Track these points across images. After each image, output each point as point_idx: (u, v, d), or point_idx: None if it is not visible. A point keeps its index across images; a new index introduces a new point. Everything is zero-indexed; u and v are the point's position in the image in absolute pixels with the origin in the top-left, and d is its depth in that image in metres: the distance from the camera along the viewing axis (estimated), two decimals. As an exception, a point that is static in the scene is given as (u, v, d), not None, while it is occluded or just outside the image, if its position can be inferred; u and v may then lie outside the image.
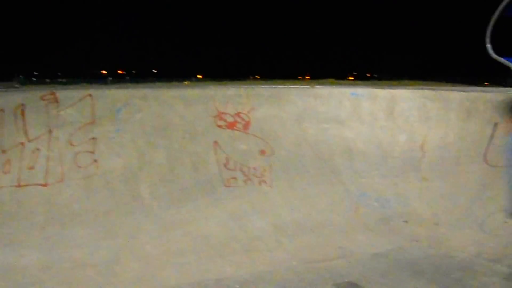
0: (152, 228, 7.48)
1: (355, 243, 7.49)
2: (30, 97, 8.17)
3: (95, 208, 7.62)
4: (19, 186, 7.55)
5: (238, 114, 9.18)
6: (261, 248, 7.30)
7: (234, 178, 8.51)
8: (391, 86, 12.89)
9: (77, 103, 8.31)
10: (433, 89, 10.99)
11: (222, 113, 9.07)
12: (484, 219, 7.97)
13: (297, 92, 10.32)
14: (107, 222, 7.44)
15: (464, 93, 10.09)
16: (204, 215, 7.94)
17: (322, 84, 13.49)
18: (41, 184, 7.66)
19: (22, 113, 7.92)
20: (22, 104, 7.96)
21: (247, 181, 8.75)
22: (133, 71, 60.78)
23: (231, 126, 9.04)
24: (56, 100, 8.18)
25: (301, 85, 13.87)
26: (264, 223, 7.97)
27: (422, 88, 11.34)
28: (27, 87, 11.38)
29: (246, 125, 9.16)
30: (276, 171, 8.98)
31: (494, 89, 12.97)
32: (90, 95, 8.43)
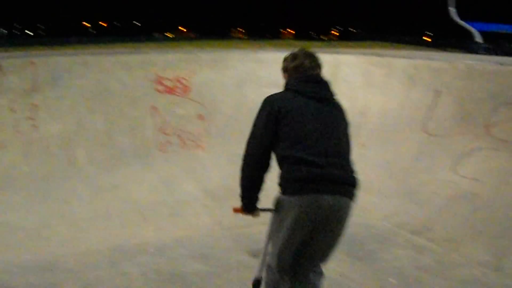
0: (85, 193, 8.02)
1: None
2: (-27, 65, 8.51)
3: (32, 173, 8.15)
4: (-41, 152, 8.04)
5: (177, 79, 9.50)
6: (187, 213, 7.75)
7: (170, 142, 8.96)
8: (336, 51, 12.94)
9: (19, 70, 8.64)
10: (379, 55, 11.03)
11: (162, 78, 9.41)
12: (415, 189, 8.10)
13: (238, 56, 10.55)
14: (43, 187, 7.98)
15: (409, 60, 10.10)
16: (136, 180, 8.47)
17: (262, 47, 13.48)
18: (-19, 151, 8.17)
19: (-35, 81, 8.32)
20: (-35, 72, 8.34)
21: (183, 146, 9.22)
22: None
23: (170, 91, 9.42)
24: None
25: (244, 49, 14.00)
26: (194, 188, 8.42)
27: (367, 54, 11.37)
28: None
29: (186, 90, 9.52)
30: (213, 136, 9.40)
31: (441, 55, 12.99)
32: (32, 62, 8.77)
